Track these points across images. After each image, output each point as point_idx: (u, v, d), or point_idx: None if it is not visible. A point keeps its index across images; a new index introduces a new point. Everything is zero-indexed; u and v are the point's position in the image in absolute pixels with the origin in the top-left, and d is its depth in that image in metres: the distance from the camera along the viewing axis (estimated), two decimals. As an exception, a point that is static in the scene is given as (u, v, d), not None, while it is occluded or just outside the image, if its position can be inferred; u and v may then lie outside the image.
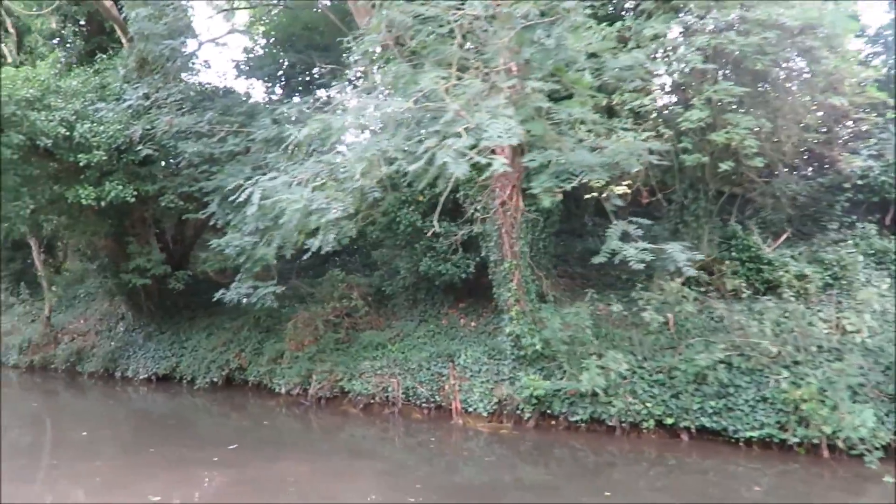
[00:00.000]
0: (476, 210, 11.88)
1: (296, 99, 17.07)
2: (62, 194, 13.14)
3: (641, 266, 7.33)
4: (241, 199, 7.88)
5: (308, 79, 18.88)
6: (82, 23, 17.26)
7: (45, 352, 17.82)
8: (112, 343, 17.00)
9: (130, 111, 13.36)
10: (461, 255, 12.77)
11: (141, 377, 15.64)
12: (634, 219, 7.34)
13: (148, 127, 12.65)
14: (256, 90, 26.65)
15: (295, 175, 7.62)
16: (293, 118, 12.16)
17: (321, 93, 17.18)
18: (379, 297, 14.80)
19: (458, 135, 6.26)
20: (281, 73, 19.31)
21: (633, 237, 7.06)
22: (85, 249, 16.56)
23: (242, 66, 19.39)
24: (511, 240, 11.20)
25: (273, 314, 15.29)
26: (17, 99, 11.57)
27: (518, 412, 10.86)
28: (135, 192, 13.23)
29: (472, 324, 13.08)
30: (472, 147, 6.25)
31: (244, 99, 14.74)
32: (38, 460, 9.78)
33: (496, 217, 11.28)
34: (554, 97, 7.61)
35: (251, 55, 19.32)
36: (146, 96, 13.05)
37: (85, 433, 10.59)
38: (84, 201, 12.75)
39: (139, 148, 12.75)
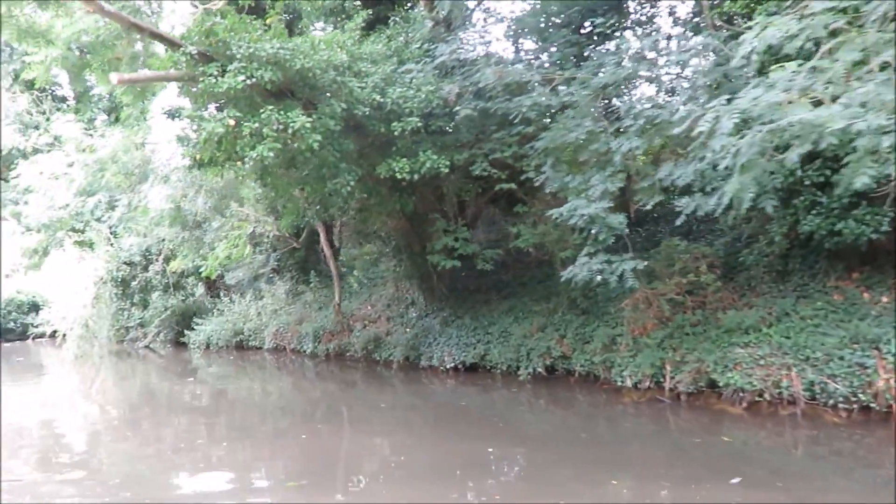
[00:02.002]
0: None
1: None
2: (373, 169, 12.05)
3: None
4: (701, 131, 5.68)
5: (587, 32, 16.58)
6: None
7: (339, 339, 17.41)
8: (407, 330, 16.07)
9: (437, 72, 11.96)
10: (866, 209, 9.76)
11: (447, 366, 14.41)
12: None
13: (466, 84, 11.08)
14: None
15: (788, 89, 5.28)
16: (646, 53, 9.94)
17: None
18: (725, 269, 12.18)
19: None
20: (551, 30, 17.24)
21: None
22: (379, 231, 15.71)
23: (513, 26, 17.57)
24: None
25: (589, 294, 13.33)
26: (335, 64, 10.50)
27: None
28: (447, 162, 11.77)
29: (884, 299, 10.01)
30: None
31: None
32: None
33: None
34: None
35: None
36: (456, 52, 11.50)
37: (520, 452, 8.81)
38: (398, 175, 11.51)
39: (457, 109, 11.23)
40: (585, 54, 13.09)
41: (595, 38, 13.73)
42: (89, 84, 29.52)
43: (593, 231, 9.95)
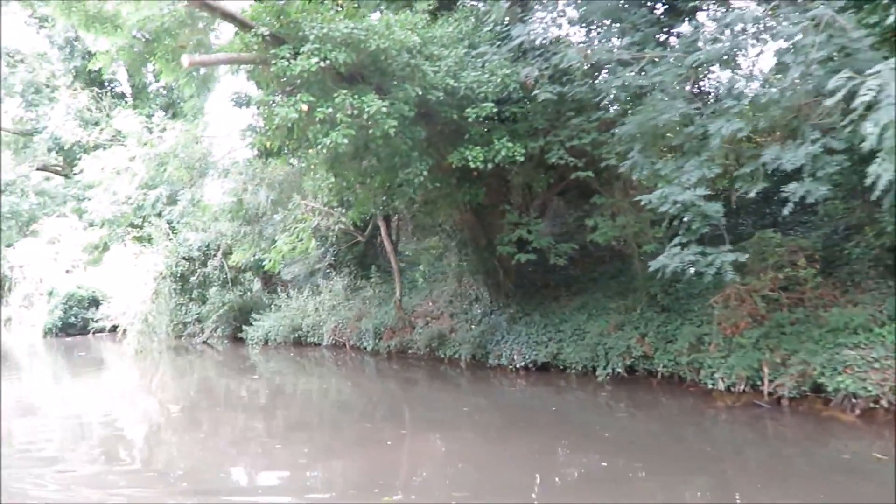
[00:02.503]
0: None
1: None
2: (443, 159, 11.50)
3: None
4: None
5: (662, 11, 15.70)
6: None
7: (401, 336, 16.92)
8: (472, 327, 15.48)
9: (510, 55, 11.33)
10: None
11: (517, 366, 13.76)
12: None
13: (545, 66, 10.43)
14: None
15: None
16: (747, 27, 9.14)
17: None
18: (823, 263, 11.25)
19: None
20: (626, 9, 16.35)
21: None
22: (444, 225, 15.15)
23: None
24: None
25: (670, 290, 12.56)
26: (408, 46, 9.96)
27: None
28: (522, 150, 11.14)
29: None
30: None
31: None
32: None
33: None
34: None
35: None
36: (532, 32, 10.85)
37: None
38: (472, 164, 10.94)
39: (536, 93, 10.57)
40: (658, 37, 12.32)
41: (666, 18, 12.89)
42: (147, 80, 29.80)
43: (686, 219, 9.18)
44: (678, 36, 12.00)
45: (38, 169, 30.57)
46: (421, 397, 13.58)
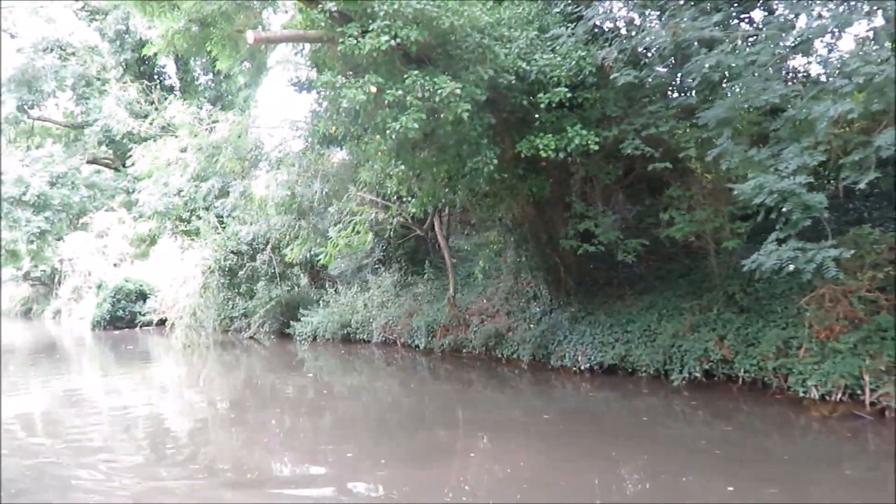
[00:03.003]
0: None
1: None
2: (510, 147, 10.87)
3: None
4: None
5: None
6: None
7: (455, 334, 16.32)
8: (531, 326, 14.81)
9: (585, 36, 10.64)
10: None
11: (582, 367, 13.04)
12: None
13: (625, 47, 9.72)
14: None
15: None
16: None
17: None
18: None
19: None
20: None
21: None
22: (504, 219, 14.51)
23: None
24: None
25: (749, 290, 11.72)
26: (479, 26, 9.35)
27: None
28: (597, 139, 10.44)
29: None
30: None
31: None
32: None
33: None
34: None
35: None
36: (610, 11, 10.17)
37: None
38: (543, 153, 10.29)
39: (614, 76, 9.86)
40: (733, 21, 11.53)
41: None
42: (195, 74, 29.82)
43: (784, 210, 8.39)
44: (750, 23, 11.23)
45: (88, 162, 30.80)
46: (480, 399, 12.91)
